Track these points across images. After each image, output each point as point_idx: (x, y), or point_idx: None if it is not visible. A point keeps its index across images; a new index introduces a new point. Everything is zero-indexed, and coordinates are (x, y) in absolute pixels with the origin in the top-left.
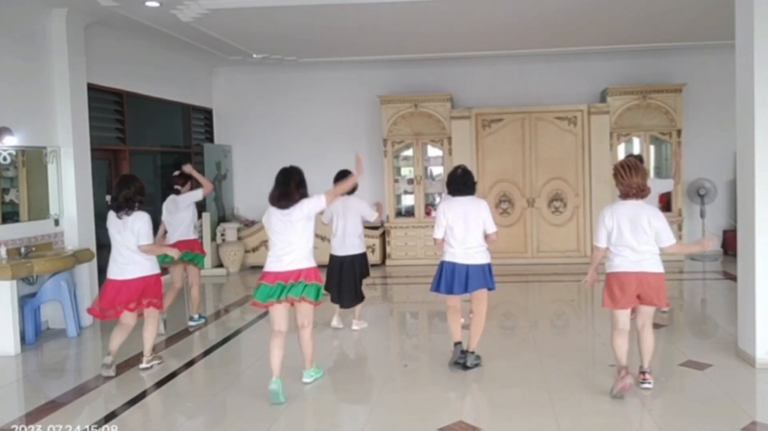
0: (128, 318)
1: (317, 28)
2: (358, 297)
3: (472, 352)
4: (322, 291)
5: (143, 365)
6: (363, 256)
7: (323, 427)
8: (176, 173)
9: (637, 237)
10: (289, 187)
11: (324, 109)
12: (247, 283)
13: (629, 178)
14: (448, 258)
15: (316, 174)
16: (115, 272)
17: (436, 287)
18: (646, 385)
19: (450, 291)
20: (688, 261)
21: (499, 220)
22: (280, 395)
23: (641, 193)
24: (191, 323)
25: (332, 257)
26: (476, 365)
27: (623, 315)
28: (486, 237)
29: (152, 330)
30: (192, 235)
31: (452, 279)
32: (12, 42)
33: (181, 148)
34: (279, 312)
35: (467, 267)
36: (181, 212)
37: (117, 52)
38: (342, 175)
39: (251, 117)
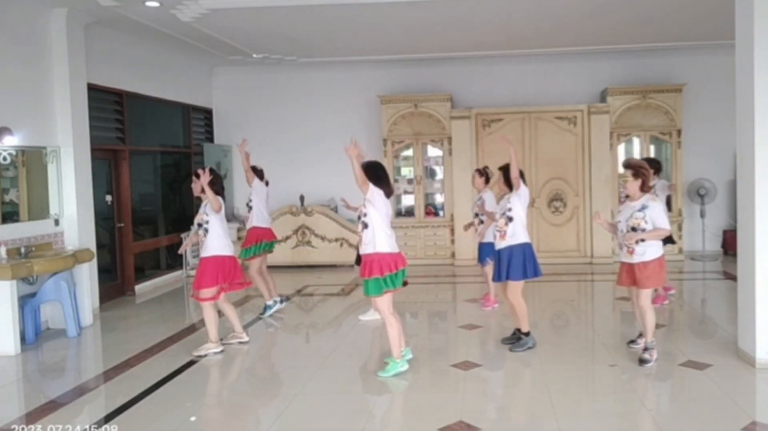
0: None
1: (317, 28)
2: None
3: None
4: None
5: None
6: None
7: (323, 427)
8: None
9: None
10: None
11: (324, 109)
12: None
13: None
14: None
15: (315, 173)
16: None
17: (534, 272)
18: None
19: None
20: (688, 260)
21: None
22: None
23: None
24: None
25: None
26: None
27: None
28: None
29: (216, 313)
30: (261, 224)
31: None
32: (12, 42)
33: (181, 148)
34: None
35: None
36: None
37: (117, 52)
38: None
39: (251, 117)
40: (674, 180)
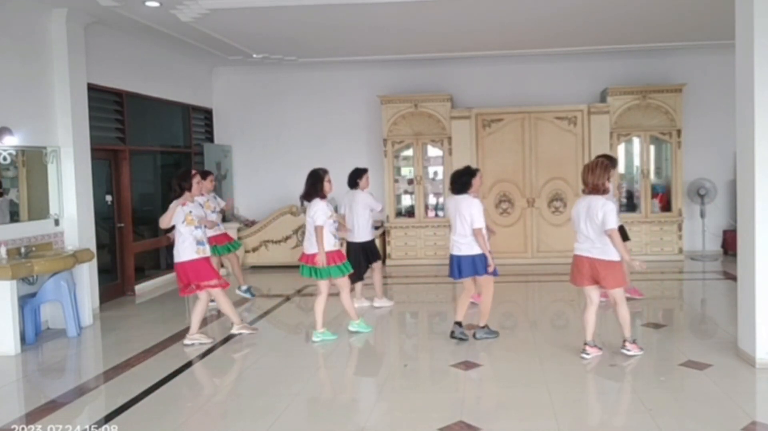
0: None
1: (317, 28)
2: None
3: (483, 326)
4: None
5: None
6: (371, 243)
7: (323, 427)
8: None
9: (589, 227)
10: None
11: (324, 109)
12: (246, 283)
13: (584, 176)
14: None
15: None
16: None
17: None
18: (624, 351)
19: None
20: (688, 260)
21: (498, 220)
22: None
23: (592, 190)
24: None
25: (348, 243)
26: (485, 338)
27: (590, 291)
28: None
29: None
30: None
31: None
32: (12, 42)
33: (181, 148)
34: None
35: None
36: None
37: (117, 52)
38: (356, 174)
39: (251, 117)
40: (674, 180)
